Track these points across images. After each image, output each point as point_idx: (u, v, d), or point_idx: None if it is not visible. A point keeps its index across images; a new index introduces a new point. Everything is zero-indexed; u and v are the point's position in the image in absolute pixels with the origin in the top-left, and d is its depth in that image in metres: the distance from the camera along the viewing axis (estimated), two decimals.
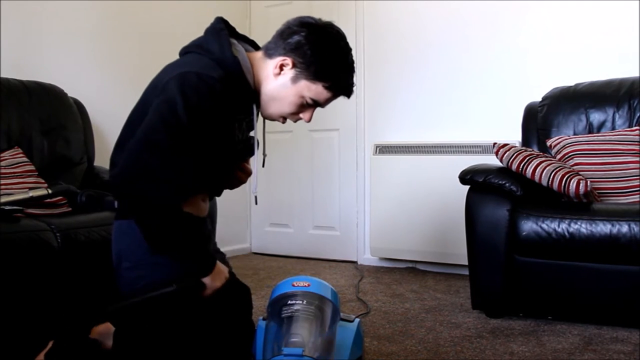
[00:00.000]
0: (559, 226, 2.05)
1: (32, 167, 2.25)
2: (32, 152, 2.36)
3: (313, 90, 1.46)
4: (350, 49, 1.50)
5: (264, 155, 1.71)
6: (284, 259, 3.69)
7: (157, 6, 3.29)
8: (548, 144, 2.59)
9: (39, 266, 1.77)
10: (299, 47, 1.44)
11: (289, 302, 1.48)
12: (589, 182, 2.12)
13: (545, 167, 2.17)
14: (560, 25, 2.93)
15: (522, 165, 2.20)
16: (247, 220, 3.95)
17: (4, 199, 1.91)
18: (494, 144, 2.35)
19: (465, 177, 2.26)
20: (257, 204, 1.80)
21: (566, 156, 2.46)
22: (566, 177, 2.13)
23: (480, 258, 2.22)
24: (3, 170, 2.12)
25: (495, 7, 3.09)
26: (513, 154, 2.25)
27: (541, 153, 2.38)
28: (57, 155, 2.49)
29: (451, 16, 3.21)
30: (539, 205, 2.16)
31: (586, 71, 2.79)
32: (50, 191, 2.06)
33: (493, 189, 2.19)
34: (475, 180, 2.23)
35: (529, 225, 2.10)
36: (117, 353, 1.47)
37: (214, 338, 1.45)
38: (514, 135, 2.85)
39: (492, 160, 2.39)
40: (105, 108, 2.91)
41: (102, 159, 2.65)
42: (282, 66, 1.46)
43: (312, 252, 3.68)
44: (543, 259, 2.11)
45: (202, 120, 1.36)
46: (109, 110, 2.89)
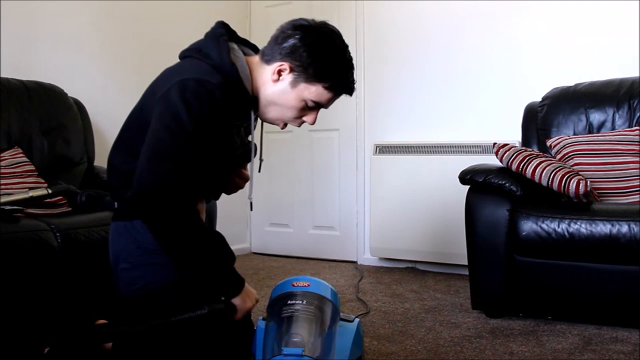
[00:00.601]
0: (559, 226, 2.05)
1: (32, 167, 2.25)
2: (32, 152, 2.36)
3: (313, 92, 1.45)
4: (346, 46, 1.49)
5: (261, 161, 1.71)
6: (284, 258, 3.69)
7: (157, 6, 3.30)
8: (548, 144, 2.59)
9: (39, 266, 1.77)
10: (294, 51, 1.43)
11: (289, 302, 1.48)
12: (588, 182, 2.12)
13: (545, 167, 2.17)
14: (560, 25, 2.93)
15: (522, 165, 2.20)
16: (247, 220, 3.95)
17: (4, 199, 1.91)
18: (494, 144, 2.35)
19: (465, 177, 2.26)
20: (252, 209, 1.79)
21: (566, 156, 2.46)
22: (566, 177, 2.13)
23: (480, 258, 2.22)
24: (3, 170, 2.12)
25: (495, 7, 3.09)
26: (513, 154, 2.24)
27: (541, 153, 2.38)
28: (57, 155, 2.49)
29: (451, 16, 3.21)
30: (539, 205, 2.16)
31: (586, 71, 2.79)
32: (50, 191, 2.06)
33: (493, 189, 2.19)
34: (475, 180, 2.23)
35: (528, 225, 2.10)
36: (117, 353, 1.47)
37: (213, 338, 1.45)
38: (514, 135, 2.85)
39: (492, 160, 2.39)
40: (105, 108, 2.91)
41: (102, 159, 2.64)
42: (279, 72, 1.45)
43: (312, 252, 3.69)
44: (543, 259, 2.11)
45: (205, 126, 1.36)
46: (109, 110, 2.89)
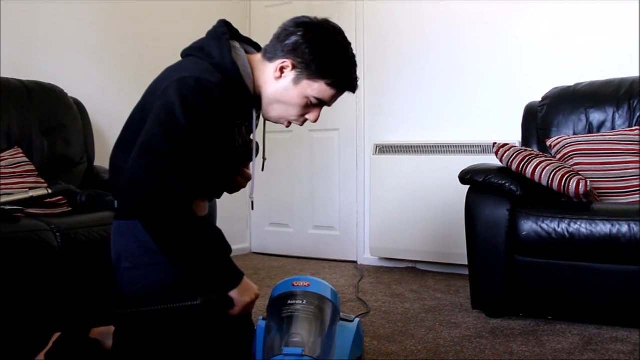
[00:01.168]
0: (559, 226, 2.05)
1: (32, 167, 2.25)
2: (32, 152, 2.36)
3: (316, 89, 1.45)
4: (349, 43, 1.48)
5: (264, 160, 1.70)
6: (284, 258, 3.69)
7: (157, 6, 3.30)
8: (548, 143, 2.59)
9: (39, 266, 1.77)
10: (296, 48, 1.42)
11: (289, 302, 1.48)
12: (588, 182, 2.12)
13: (545, 167, 2.17)
14: (560, 25, 2.93)
15: (522, 165, 2.20)
16: (247, 220, 3.95)
17: (4, 199, 1.91)
18: (494, 144, 2.35)
19: (465, 177, 2.26)
20: (253, 209, 1.77)
21: (566, 156, 2.46)
22: (566, 177, 2.13)
23: (480, 258, 2.22)
24: (3, 170, 2.12)
25: (495, 7, 3.09)
26: (513, 154, 2.24)
27: (541, 153, 2.38)
28: (57, 155, 2.49)
29: (451, 16, 3.21)
30: (539, 205, 2.16)
31: (586, 71, 2.79)
32: (50, 191, 2.06)
33: (493, 188, 2.19)
34: (475, 180, 2.23)
35: (529, 225, 2.10)
36: (117, 353, 1.47)
37: (214, 338, 1.45)
38: (514, 135, 2.85)
39: (492, 160, 2.39)
40: (105, 108, 2.91)
41: (102, 159, 2.65)
42: (282, 69, 1.45)
43: (312, 252, 3.69)
44: (543, 259, 2.11)
45: (201, 123, 1.36)
46: (109, 110, 2.89)
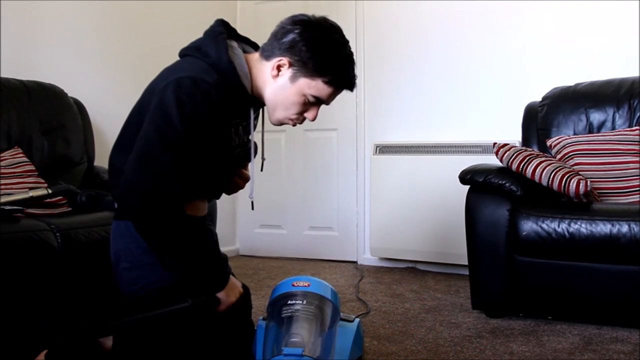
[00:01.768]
0: (559, 226, 2.05)
1: (32, 167, 2.25)
2: (32, 152, 2.36)
3: (313, 87, 1.44)
4: (347, 41, 1.48)
5: (263, 160, 1.70)
6: (279, 260, 3.68)
7: (157, 6, 3.29)
8: (548, 143, 2.59)
9: (39, 266, 1.77)
10: (293, 46, 1.42)
11: (289, 302, 1.48)
12: (589, 182, 2.12)
13: (545, 167, 2.17)
14: (560, 25, 2.93)
15: (522, 165, 2.20)
16: (234, 221, 3.86)
17: (4, 199, 1.91)
18: (494, 144, 2.35)
19: (465, 177, 2.26)
20: (253, 209, 1.76)
21: (566, 156, 2.46)
22: (566, 177, 2.13)
23: (480, 258, 2.22)
24: (3, 170, 2.12)
25: (495, 7, 3.09)
26: (513, 154, 2.24)
27: (541, 153, 2.38)
28: (57, 155, 2.48)
29: (451, 16, 3.21)
30: (539, 205, 2.16)
31: (586, 71, 2.79)
32: (50, 191, 2.05)
33: (493, 189, 2.19)
34: (475, 180, 2.23)
35: (529, 225, 2.10)
36: (117, 353, 1.47)
37: (213, 338, 1.45)
38: (514, 135, 2.85)
39: (492, 160, 2.39)
40: (105, 108, 2.91)
41: (102, 159, 2.65)
42: (279, 67, 1.44)
43: (309, 253, 3.63)
44: (543, 259, 2.11)
45: (198, 127, 1.36)
46: (109, 110, 2.88)
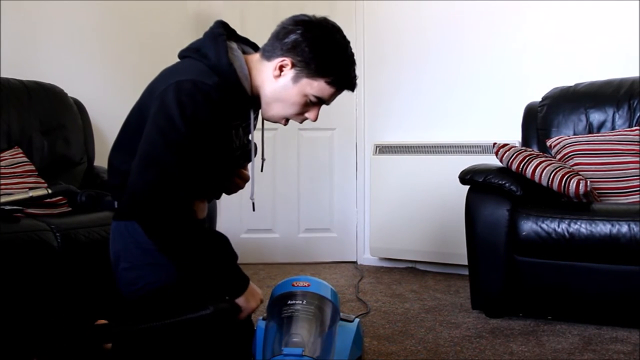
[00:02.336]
0: (559, 226, 2.05)
1: (32, 167, 2.26)
2: (32, 152, 2.36)
3: (315, 88, 1.45)
4: (348, 41, 1.49)
5: (263, 160, 1.70)
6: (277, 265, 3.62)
7: (157, 6, 3.29)
8: (548, 144, 2.59)
9: (39, 266, 1.77)
10: (296, 46, 1.43)
11: (289, 302, 1.48)
12: (588, 182, 2.12)
13: (545, 167, 2.17)
14: (560, 26, 2.93)
15: (522, 165, 2.20)
16: (217, 227, 3.72)
17: (4, 199, 1.91)
18: (494, 144, 2.35)
19: (465, 177, 2.26)
20: (254, 210, 1.74)
21: (566, 156, 2.46)
22: (566, 177, 2.13)
23: (480, 258, 2.22)
24: (3, 170, 2.13)
25: (495, 7, 3.08)
26: (513, 154, 2.24)
27: (541, 153, 2.38)
28: (57, 155, 2.49)
29: (451, 16, 3.21)
30: (539, 205, 2.16)
31: (586, 71, 2.79)
32: (50, 191, 2.05)
33: (493, 189, 2.19)
34: (475, 180, 2.23)
35: (528, 225, 2.10)
36: (117, 353, 1.47)
37: (213, 338, 1.45)
38: (514, 135, 2.85)
39: (492, 160, 2.39)
40: (105, 108, 2.91)
41: (102, 159, 2.64)
42: (281, 67, 1.45)
43: (305, 256, 3.52)
44: (543, 259, 2.11)
45: (200, 127, 1.36)
46: (109, 110, 2.88)
